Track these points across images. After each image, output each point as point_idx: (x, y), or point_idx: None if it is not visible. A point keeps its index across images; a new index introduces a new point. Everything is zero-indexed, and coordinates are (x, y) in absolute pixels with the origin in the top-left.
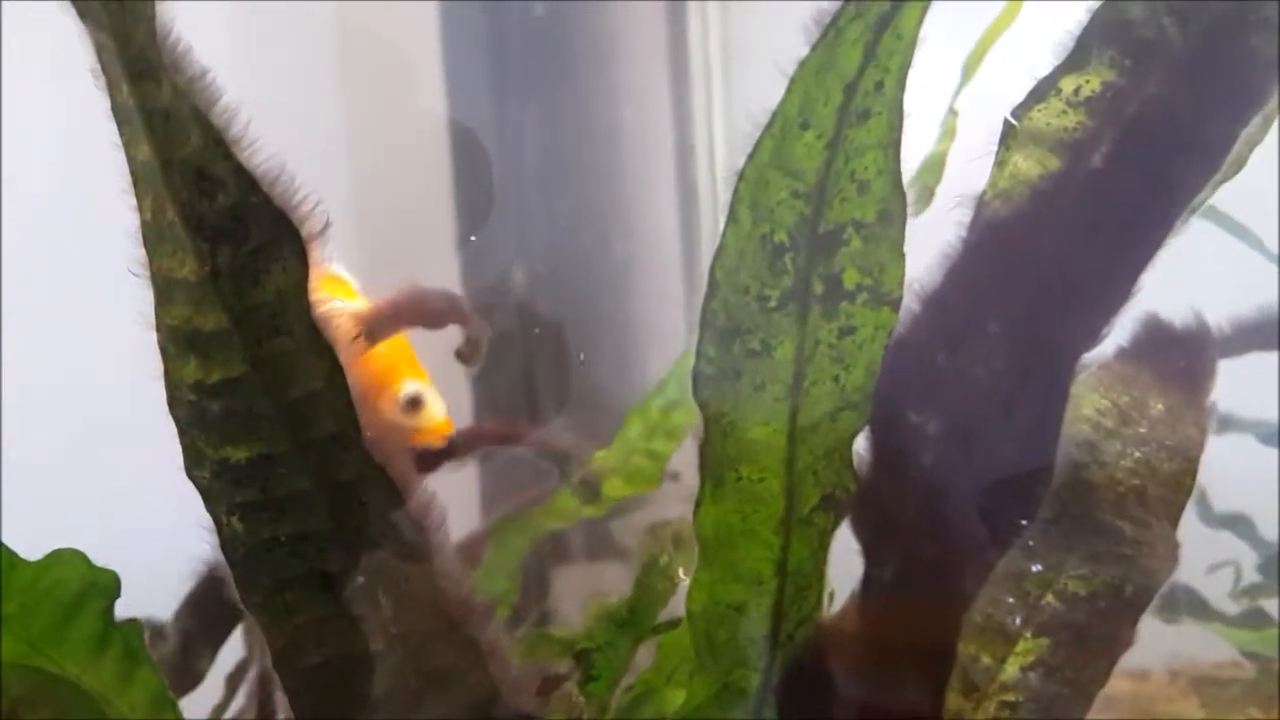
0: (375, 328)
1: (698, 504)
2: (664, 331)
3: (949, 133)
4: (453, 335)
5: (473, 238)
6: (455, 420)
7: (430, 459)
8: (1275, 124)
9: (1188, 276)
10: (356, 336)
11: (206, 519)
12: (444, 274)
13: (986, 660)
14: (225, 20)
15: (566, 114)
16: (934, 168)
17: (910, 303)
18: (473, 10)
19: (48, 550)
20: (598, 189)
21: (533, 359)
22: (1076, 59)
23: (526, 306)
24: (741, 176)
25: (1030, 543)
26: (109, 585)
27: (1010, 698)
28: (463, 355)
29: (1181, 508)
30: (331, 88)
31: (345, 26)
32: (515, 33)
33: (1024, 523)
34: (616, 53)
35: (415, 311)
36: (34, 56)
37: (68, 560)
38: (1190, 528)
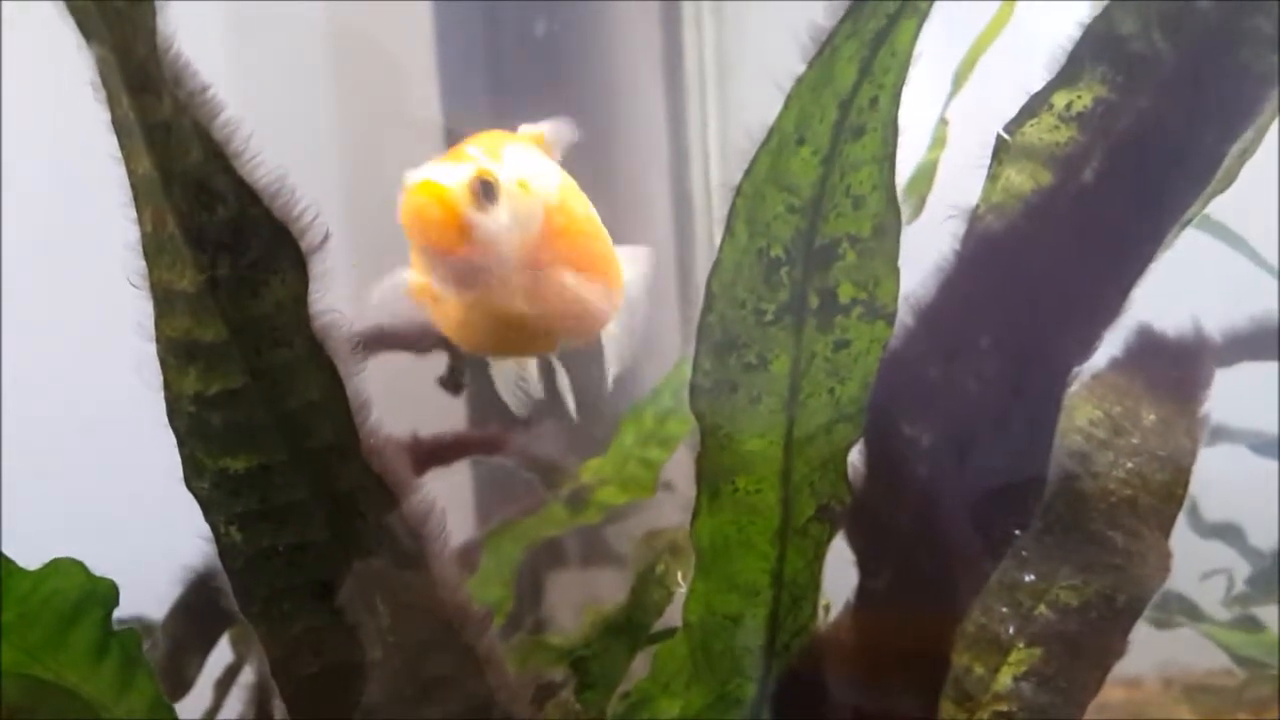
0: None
1: (694, 515)
2: (658, 340)
3: (939, 141)
4: None
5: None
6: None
7: (418, 463)
8: (1269, 136)
9: (1181, 286)
10: (354, 350)
11: (205, 529)
12: None
13: (980, 670)
14: (221, 30)
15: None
16: (925, 177)
17: (904, 316)
18: (468, 18)
19: (46, 559)
20: (592, 197)
21: None
22: (1068, 74)
23: None
24: (738, 192)
25: (1023, 553)
26: (107, 594)
27: (1003, 707)
28: (445, 384)
29: (1173, 518)
30: (328, 95)
31: (341, 34)
32: (510, 42)
33: (1017, 533)
34: (611, 61)
35: (398, 339)
36: (33, 64)
37: (66, 569)
38: (1182, 537)
